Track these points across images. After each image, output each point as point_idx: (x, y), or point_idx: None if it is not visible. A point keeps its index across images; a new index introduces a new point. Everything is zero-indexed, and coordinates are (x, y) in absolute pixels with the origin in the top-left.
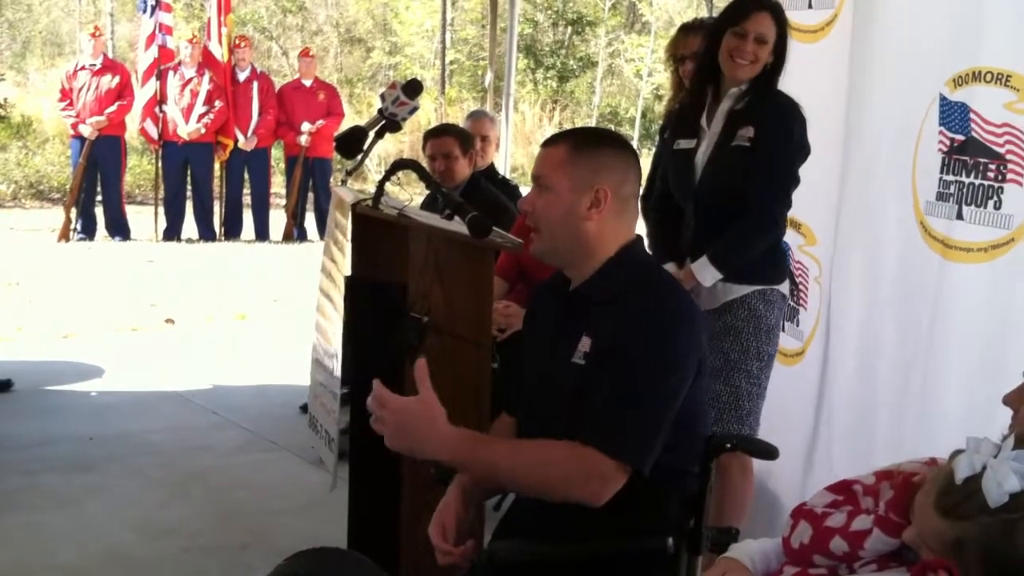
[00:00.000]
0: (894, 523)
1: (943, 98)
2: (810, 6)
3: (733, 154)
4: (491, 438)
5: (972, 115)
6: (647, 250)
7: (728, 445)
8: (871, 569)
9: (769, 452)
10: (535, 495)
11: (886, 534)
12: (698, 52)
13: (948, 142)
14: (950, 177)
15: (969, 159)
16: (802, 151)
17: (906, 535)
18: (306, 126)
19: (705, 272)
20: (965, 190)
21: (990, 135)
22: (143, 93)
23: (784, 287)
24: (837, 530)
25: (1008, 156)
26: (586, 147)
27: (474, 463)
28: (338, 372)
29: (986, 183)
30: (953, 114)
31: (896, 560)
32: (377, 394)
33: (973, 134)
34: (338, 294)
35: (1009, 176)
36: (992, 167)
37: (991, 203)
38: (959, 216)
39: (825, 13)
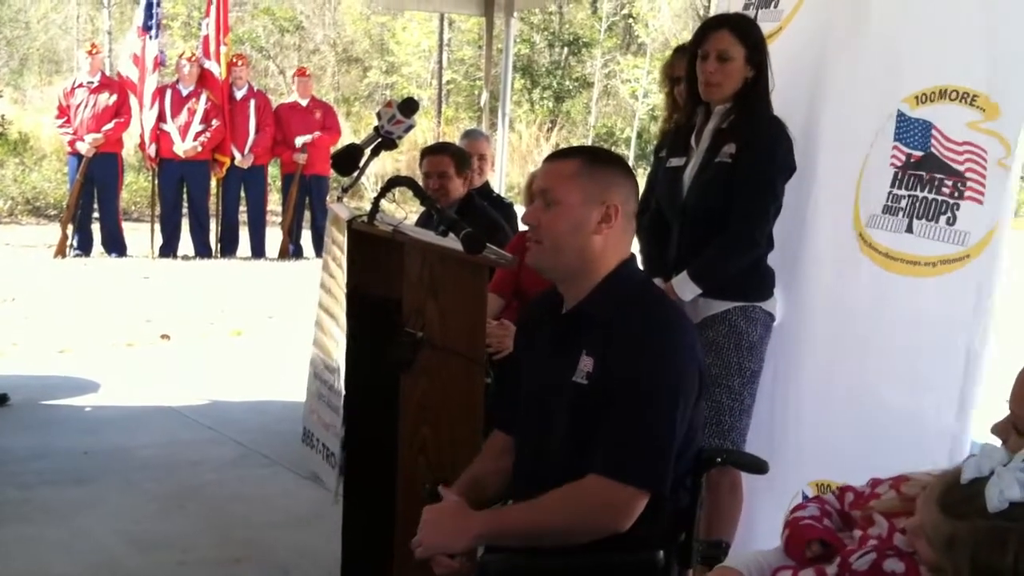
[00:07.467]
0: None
1: (901, 114)
2: (755, 19)
3: (716, 171)
4: (507, 508)
5: (934, 131)
6: (639, 267)
7: (719, 459)
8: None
9: (759, 467)
10: (569, 542)
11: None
12: (684, 76)
13: (903, 157)
14: (902, 191)
15: (925, 174)
16: (785, 170)
17: (908, 523)
18: (300, 140)
19: (684, 288)
20: (918, 204)
21: (950, 152)
22: (148, 116)
23: (770, 305)
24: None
25: (968, 174)
26: (597, 163)
27: (502, 535)
28: (340, 386)
29: (940, 198)
30: (912, 130)
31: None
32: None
33: (932, 150)
34: (339, 309)
35: (967, 194)
36: (948, 183)
37: (943, 219)
38: (908, 229)
39: (770, 25)
